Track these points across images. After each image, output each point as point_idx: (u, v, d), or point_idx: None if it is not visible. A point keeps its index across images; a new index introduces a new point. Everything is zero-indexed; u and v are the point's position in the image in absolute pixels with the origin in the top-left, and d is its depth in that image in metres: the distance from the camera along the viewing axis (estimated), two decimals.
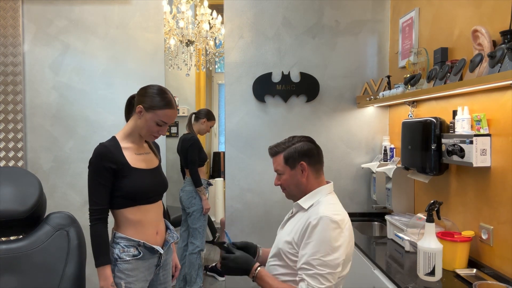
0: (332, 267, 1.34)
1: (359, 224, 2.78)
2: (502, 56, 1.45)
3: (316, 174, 1.51)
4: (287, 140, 1.52)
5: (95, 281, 2.73)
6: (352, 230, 1.47)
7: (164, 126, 1.67)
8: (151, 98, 1.64)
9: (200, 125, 3.57)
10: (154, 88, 1.67)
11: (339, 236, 1.37)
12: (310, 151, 1.50)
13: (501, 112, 1.64)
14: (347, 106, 2.89)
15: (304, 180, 1.49)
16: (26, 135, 2.82)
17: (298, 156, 1.48)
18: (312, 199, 1.49)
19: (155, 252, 1.69)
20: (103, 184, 1.60)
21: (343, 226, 1.39)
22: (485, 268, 1.70)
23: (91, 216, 1.60)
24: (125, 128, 1.71)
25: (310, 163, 1.49)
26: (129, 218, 1.64)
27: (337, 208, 1.45)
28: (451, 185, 1.99)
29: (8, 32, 2.77)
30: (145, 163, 1.71)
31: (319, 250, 1.34)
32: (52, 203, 2.62)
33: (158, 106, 1.63)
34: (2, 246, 1.64)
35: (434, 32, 2.22)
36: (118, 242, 1.63)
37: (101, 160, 1.60)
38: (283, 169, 1.50)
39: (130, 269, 1.62)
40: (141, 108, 1.64)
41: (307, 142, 1.52)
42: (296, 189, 1.51)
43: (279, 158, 1.51)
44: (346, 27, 2.87)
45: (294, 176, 1.49)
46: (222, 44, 4.17)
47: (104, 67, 2.85)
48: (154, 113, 1.63)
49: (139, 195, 1.65)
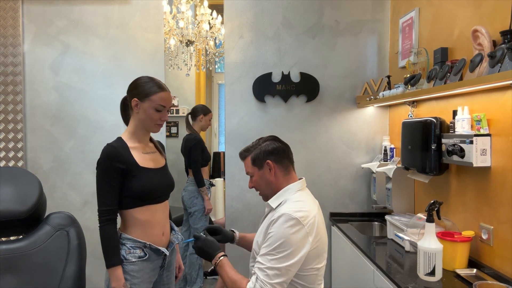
0: (284, 264, 1.38)
1: (359, 224, 2.78)
2: (502, 56, 1.45)
3: (285, 171, 1.57)
4: (254, 143, 1.60)
5: (95, 281, 2.75)
6: (321, 224, 1.50)
7: (164, 111, 1.67)
8: (142, 87, 1.64)
9: (199, 122, 3.55)
10: (142, 78, 1.68)
11: (297, 234, 1.40)
12: (275, 149, 1.56)
13: (501, 112, 1.64)
14: (347, 106, 2.89)
15: (273, 178, 1.55)
16: (26, 135, 2.82)
17: (264, 156, 1.55)
18: (280, 198, 1.54)
19: (160, 254, 1.69)
20: (113, 185, 1.59)
21: (305, 222, 1.42)
22: (485, 268, 1.70)
23: (101, 217, 1.59)
24: (129, 128, 1.71)
25: (277, 161, 1.55)
26: (137, 218, 1.63)
27: (302, 205, 1.48)
28: (451, 185, 1.99)
29: (8, 32, 2.76)
30: (153, 163, 1.71)
31: (274, 247, 1.40)
32: (52, 203, 2.63)
33: (151, 91, 1.63)
34: (2, 246, 1.64)
35: (434, 32, 2.22)
36: (124, 243, 1.62)
37: (110, 161, 1.59)
38: (252, 171, 1.58)
39: (136, 270, 1.62)
40: (136, 100, 1.64)
41: (273, 141, 1.58)
42: (267, 188, 1.57)
43: (248, 161, 1.58)
44: (346, 27, 2.87)
45: (262, 175, 1.56)
46: (222, 44, 4.17)
47: (104, 67, 2.85)
48: (150, 100, 1.63)
49: (148, 194, 1.64)
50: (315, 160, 2.90)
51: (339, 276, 2.66)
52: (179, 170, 4.51)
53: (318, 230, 1.47)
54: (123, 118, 1.78)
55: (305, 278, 1.46)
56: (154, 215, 1.68)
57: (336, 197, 2.90)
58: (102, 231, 1.59)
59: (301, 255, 1.40)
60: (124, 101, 1.76)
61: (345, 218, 2.83)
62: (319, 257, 1.48)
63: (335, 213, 2.89)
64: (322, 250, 1.50)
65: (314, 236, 1.44)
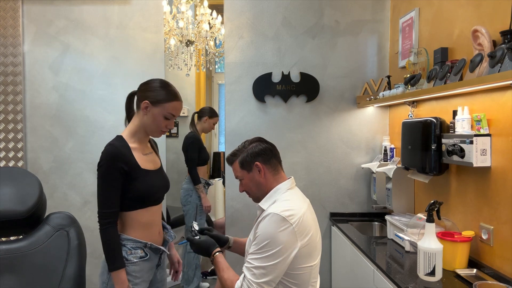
0: (270, 262, 1.39)
1: (359, 224, 2.78)
2: (502, 56, 1.45)
3: (274, 171, 1.57)
4: (240, 147, 1.60)
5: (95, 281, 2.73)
6: (311, 222, 1.50)
7: (172, 120, 1.64)
8: (156, 92, 1.60)
9: (202, 123, 3.57)
10: (157, 82, 1.64)
11: (284, 232, 1.40)
12: (262, 150, 1.56)
13: (501, 112, 1.64)
14: (347, 106, 2.89)
15: (263, 179, 1.55)
16: (26, 135, 2.82)
17: (252, 158, 1.55)
18: (270, 199, 1.54)
19: (158, 253, 1.69)
20: (115, 186, 1.55)
21: (293, 221, 1.42)
22: (485, 268, 1.70)
23: (102, 220, 1.54)
24: (130, 126, 1.66)
25: (265, 161, 1.55)
26: (138, 220, 1.62)
27: (290, 204, 1.48)
28: (451, 185, 1.99)
29: (8, 32, 2.76)
30: (152, 164, 1.69)
31: (260, 246, 1.41)
32: (52, 203, 2.63)
33: (165, 99, 1.60)
34: (2, 246, 1.64)
35: (434, 32, 2.22)
36: (125, 244, 1.60)
37: (113, 161, 1.54)
38: (241, 174, 1.58)
39: (137, 271, 1.61)
40: (147, 103, 1.59)
41: (259, 143, 1.59)
42: (258, 190, 1.57)
43: (236, 165, 1.59)
44: (346, 27, 2.87)
45: (252, 178, 1.56)
46: (222, 44, 4.17)
47: (104, 67, 2.85)
48: (162, 107, 1.59)
49: (149, 197, 1.63)
50: (315, 160, 2.89)
51: (339, 276, 2.66)
52: (179, 170, 4.52)
53: (308, 228, 1.46)
54: (127, 113, 1.74)
55: (297, 277, 1.45)
56: (153, 216, 1.68)
57: (336, 197, 2.90)
58: (105, 234, 1.55)
59: (288, 254, 1.40)
60: (131, 97, 1.71)
61: (345, 218, 2.83)
62: (310, 256, 1.47)
63: (335, 213, 2.88)
64: (313, 248, 1.48)
65: (303, 234, 1.43)
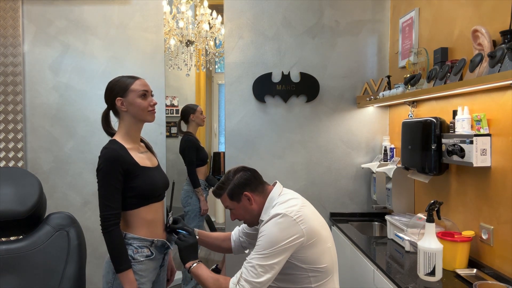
0: (271, 262, 1.43)
1: (359, 224, 2.78)
2: (502, 56, 1.45)
3: (261, 194, 1.62)
4: (225, 179, 1.63)
5: (95, 281, 2.74)
6: (312, 212, 1.56)
7: (149, 95, 1.67)
8: (118, 85, 1.64)
9: (192, 122, 3.48)
10: (111, 81, 1.68)
11: (283, 224, 1.45)
12: (248, 180, 1.60)
13: (501, 112, 1.64)
14: (347, 106, 2.89)
15: (254, 206, 1.60)
16: (26, 136, 2.82)
17: (240, 189, 1.59)
18: (268, 210, 1.58)
19: (163, 250, 1.70)
20: (117, 188, 1.56)
21: (293, 214, 1.47)
22: (485, 268, 1.70)
23: (106, 222, 1.54)
24: (120, 130, 1.68)
25: (253, 189, 1.60)
26: (143, 217, 1.63)
27: (287, 204, 1.53)
28: (451, 185, 1.99)
29: (8, 32, 2.77)
30: (150, 161, 1.71)
31: (263, 246, 1.44)
32: (52, 204, 2.63)
33: (128, 83, 1.64)
34: (2, 247, 1.64)
35: (434, 32, 2.22)
36: (131, 243, 1.60)
37: (112, 163, 1.56)
38: (232, 205, 1.62)
39: (144, 270, 1.61)
40: (120, 99, 1.63)
41: (243, 172, 1.62)
42: (251, 217, 1.62)
43: (225, 197, 1.63)
44: (346, 27, 2.87)
45: (243, 207, 1.60)
46: (222, 44, 4.17)
47: (104, 68, 2.85)
48: (131, 90, 1.63)
49: (152, 193, 1.64)
50: (315, 160, 2.89)
51: (339, 276, 2.65)
52: (179, 170, 4.51)
53: (312, 217, 1.52)
54: (106, 131, 1.74)
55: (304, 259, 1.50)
56: (157, 213, 1.69)
57: (336, 197, 2.90)
58: (110, 236, 1.54)
59: (292, 245, 1.45)
60: (106, 114, 1.72)
61: (345, 218, 2.83)
62: (318, 241, 1.52)
63: (335, 213, 2.89)
64: (319, 231, 1.53)
65: (311, 224, 1.49)
